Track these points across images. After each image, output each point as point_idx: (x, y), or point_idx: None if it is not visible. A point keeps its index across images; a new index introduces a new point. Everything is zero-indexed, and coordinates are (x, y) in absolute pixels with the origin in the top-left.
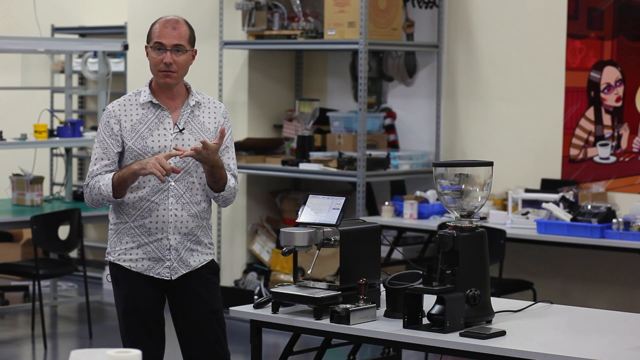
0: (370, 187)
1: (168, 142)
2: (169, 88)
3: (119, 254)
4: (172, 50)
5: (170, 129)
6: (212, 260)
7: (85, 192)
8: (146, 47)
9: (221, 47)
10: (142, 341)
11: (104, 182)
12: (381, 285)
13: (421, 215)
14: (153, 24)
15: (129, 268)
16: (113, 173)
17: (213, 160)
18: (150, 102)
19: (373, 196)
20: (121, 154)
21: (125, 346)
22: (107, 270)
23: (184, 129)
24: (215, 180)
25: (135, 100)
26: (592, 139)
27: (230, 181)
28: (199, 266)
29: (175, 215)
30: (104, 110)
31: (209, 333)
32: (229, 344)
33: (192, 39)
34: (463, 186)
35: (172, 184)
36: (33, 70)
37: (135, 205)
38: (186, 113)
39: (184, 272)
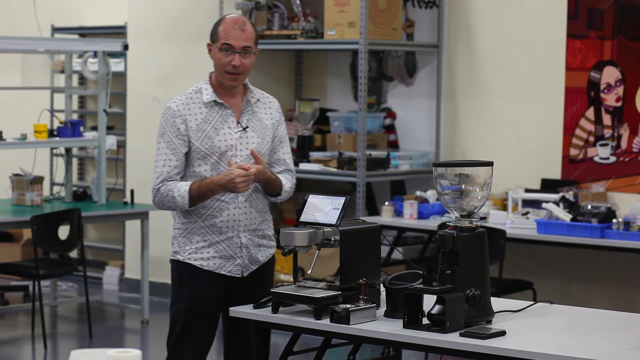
0: (370, 187)
1: (234, 140)
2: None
3: (189, 253)
4: (240, 52)
5: (234, 128)
6: (274, 253)
7: (156, 196)
8: (209, 45)
9: None
10: (196, 341)
11: (180, 193)
12: (381, 285)
13: (421, 215)
14: (218, 23)
15: (200, 267)
16: (188, 185)
17: (263, 178)
18: (214, 101)
19: (373, 196)
20: (187, 154)
21: (176, 345)
22: (107, 270)
23: (247, 127)
24: (271, 189)
25: (198, 98)
26: (592, 139)
27: (286, 186)
28: (266, 261)
29: (245, 213)
30: (166, 108)
31: None
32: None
33: (257, 39)
34: (463, 186)
35: None
36: (33, 70)
37: (206, 205)
38: (247, 111)
39: (254, 269)
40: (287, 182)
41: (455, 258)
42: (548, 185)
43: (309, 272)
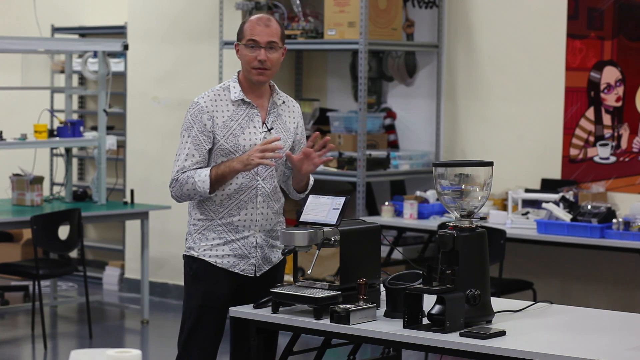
0: (370, 187)
1: (258, 140)
2: (258, 86)
3: (204, 250)
4: (265, 47)
5: (259, 128)
6: None
7: (174, 187)
8: (236, 44)
9: (221, 47)
10: (209, 338)
11: (200, 178)
12: (381, 285)
13: (421, 215)
14: (244, 23)
15: (214, 264)
16: (208, 170)
17: (318, 164)
18: (242, 99)
19: (373, 196)
20: (210, 150)
21: (187, 342)
22: (107, 270)
23: (272, 128)
24: (303, 185)
25: (225, 95)
26: (592, 139)
27: (311, 179)
28: (278, 262)
29: (262, 213)
30: (193, 103)
31: None
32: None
33: (283, 36)
34: (463, 186)
35: (260, 182)
36: (33, 70)
37: (223, 203)
38: (273, 112)
39: (267, 269)
40: (311, 178)
41: (455, 258)
42: (548, 185)
43: (309, 272)
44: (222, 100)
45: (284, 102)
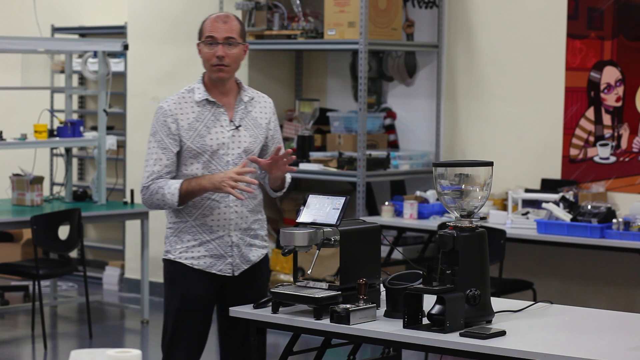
0: (370, 187)
1: (226, 139)
2: (222, 84)
3: (180, 252)
4: (223, 43)
5: (226, 126)
6: (267, 253)
7: (145, 194)
8: (198, 44)
9: None
10: (189, 341)
11: (170, 191)
12: (381, 285)
13: (421, 215)
14: (203, 21)
15: (190, 266)
16: (179, 182)
17: (285, 170)
18: (206, 99)
19: (373, 196)
20: (178, 153)
21: (170, 345)
22: (107, 270)
23: (240, 125)
24: (279, 183)
25: (190, 97)
26: (592, 139)
27: (288, 177)
28: (258, 260)
29: (236, 212)
30: (158, 108)
31: None
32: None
33: (243, 33)
34: (463, 186)
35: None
36: (33, 70)
37: (197, 204)
38: (240, 109)
39: (245, 268)
40: (288, 176)
41: (455, 258)
42: (548, 185)
43: (309, 272)
44: (187, 103)
45: (252, 98)
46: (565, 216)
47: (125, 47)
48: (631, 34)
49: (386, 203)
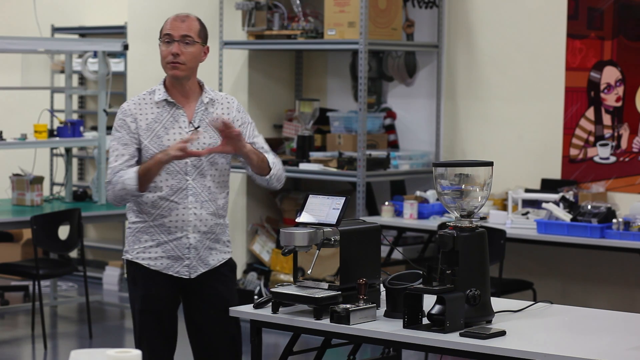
0: (370, 187)
1: None
2: (181, 85)
3: (137, 252)
4: (179, 41)
5: (185, 127)
6: (230, 259)
7: (108, 190)
8: (160, 45)
9: (221, 47)
10: (157, 341)
11: (128, 176)
12: (381, 285)
13: (421, 215)
14: (165, 21)
15: (147, 266)
16: (137, 167)
17: (241, 145)
18: (165, 100)
19: (373, 196)
20: (139, 150)
21: (139, 345)
22: (107, 270)
23: (199, 126)
24: (257, 164)
25: (150, 98)
26: (592, 139)
27: (269, 156)
28: (218, 264)
29: (195, 214)
30: (120, 108)
31: (226, 330)
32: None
33: (202, 34)
34: (463, 186)
35: (191, 182)
36: (33, 70)
37: (155, 205)
38: (200, 110)
39: (203, 271)
40: (271, 157)
41: (455, 258)
42: (548, 185)
43: (309, 272)
44: (147, 103)
45: (213, 99)
46: (565, 216)
47: (125, 47)
48: (631, 34)
49: (386, 203)
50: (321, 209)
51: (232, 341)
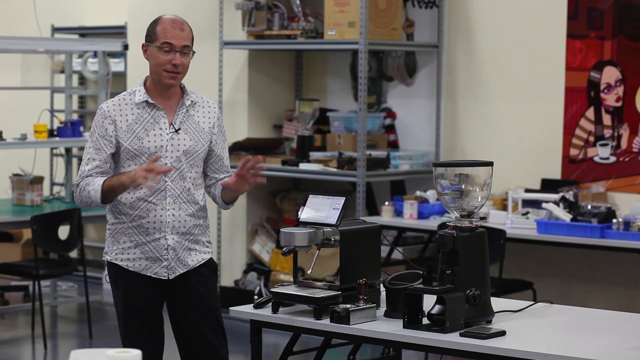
0: (370, 187)
1: (164, 142)
2: (166, 88)
3: (116, 254)
4: (180, 51)
5: (166, 129)
6: (211, 259)
7: (75, 192)
8: (145, 45)
9: (221, 47)
10: (142, 341)
11: (94, 187)
12: (381, 285)
13: (421, 215)
14: (155, 23)
15: (126, 267)
16: (103, 179)
17: (248, 187)
18: (146, 101)
19: (373, 196)
20: (116, 154)
21: (125, 346)
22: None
23: (179, 128)
24: (234, 197)
25: (130, 100)
26: (592, 139)
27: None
28: (197, 265)
29: (173, 215)
30: (98, 109)
31: (208, 331)
32: (229, 344)
33: (193, 40)
34: (463, 186)
35: (169, 183)
36: (33, 70)
37: (133, 206)
38: (182, 113)
39: (182, 272)
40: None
41: (455, 258)
42: (548, 185)
43: (309, 272)
44: (127, 105)
45: (194, 102)
46: (565, 216)
47: (125, 47)
48: (631, 34)
49: (386, 203)
50: (321, 209)
51: (216, 340)
